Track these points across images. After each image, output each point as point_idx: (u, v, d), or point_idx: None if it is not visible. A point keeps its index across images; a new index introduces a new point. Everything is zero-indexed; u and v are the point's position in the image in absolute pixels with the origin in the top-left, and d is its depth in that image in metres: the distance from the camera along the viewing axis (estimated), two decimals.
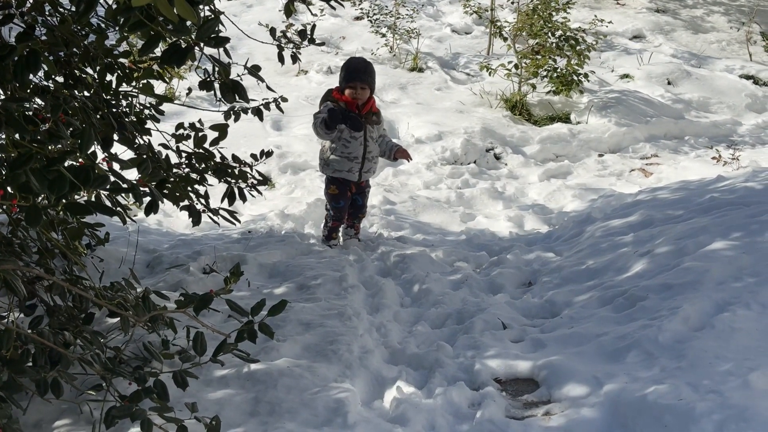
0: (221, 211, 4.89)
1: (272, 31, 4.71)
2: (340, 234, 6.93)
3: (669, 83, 12.83)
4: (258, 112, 5.11)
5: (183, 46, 3.04)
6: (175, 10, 2.73)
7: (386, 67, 12.53)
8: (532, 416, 3.80)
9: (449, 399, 3.86)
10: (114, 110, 4.40)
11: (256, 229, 7.18)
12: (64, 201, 2.79)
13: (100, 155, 4.18)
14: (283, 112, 5.48)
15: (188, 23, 2.76)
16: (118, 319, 4.10)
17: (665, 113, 11.51)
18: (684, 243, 5.21)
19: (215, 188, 5.13)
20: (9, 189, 2.97)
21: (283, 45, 4.84)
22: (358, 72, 6.31)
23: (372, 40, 13.62)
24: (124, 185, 3.72)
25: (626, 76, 12.95)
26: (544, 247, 6.57)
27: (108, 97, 4.48)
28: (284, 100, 5.37)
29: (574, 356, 4.14)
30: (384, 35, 13.26)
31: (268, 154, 5.45)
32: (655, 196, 7.13)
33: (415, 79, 12.47)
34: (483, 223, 7.82)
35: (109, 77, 4.39)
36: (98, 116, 4.08)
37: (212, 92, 4.49)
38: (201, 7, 3.12)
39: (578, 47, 11.38)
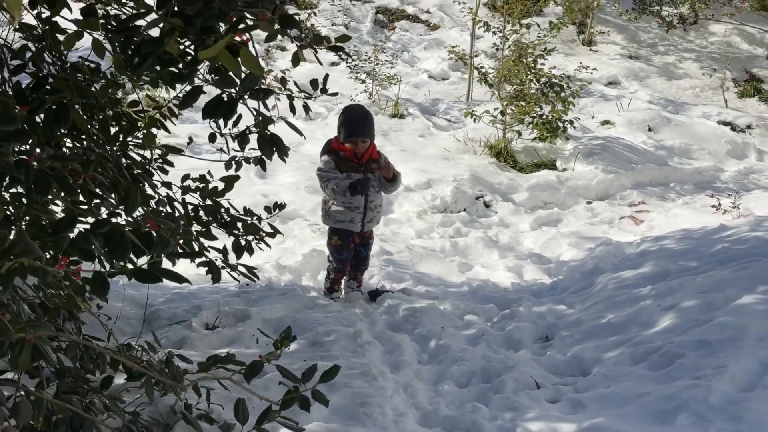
0: (239, 267, 4.72)
1: (283, 80, 4.55)
2: (342, 286, 6.74)
3: (650, 129, 12.85)
4: (260, 162, 4.95)
5: (225, 99, 2.91)
6: (240, 64, 2.58)
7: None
8: None
9: None
10: (124, 162, 4.23)
11: (253, 282, 6.96)
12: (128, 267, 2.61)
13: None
14: (285, 161, 5.30)
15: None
16: (125, 381, 3.92)
17: (649, 160, 11.50)
18: (711, 296, 5.10)
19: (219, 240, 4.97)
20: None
21: (294, 95, 4.68)
22: (358, 126, 6.15)
23: (350, 86, 13.47)
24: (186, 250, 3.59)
25: (607, 122, 12.95)
26: (555, 300, 6.43)
27: (115, 148, 4.31)
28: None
29: (618, 418, 3.98)
30: (363, 81, 13.14)
31: (281, 206, 5.30)
32: (662, 246, 7.04)
33: (397, 126, 12.37)
34: (481, 273, 7.66)
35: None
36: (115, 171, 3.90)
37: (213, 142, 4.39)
38: None
39: (562, 94, 11.35)
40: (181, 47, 2.85)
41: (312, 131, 10.66)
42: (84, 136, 4.08)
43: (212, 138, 4.84)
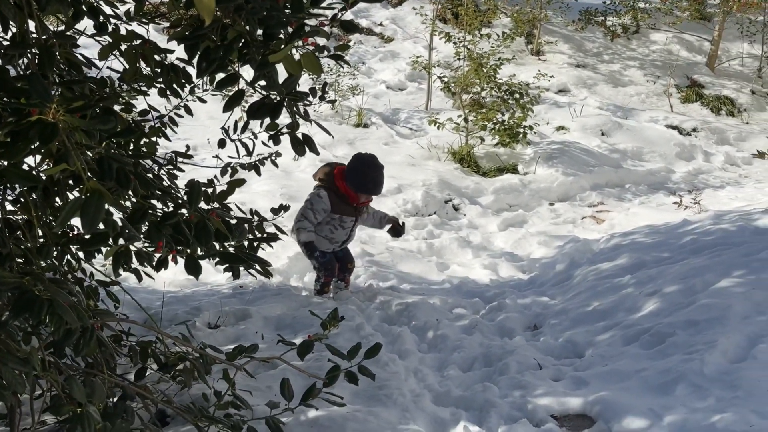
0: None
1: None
2: (331, 288, 6.97)
3: (603, 134, 13.35)
4: (255, 168, 5.18)
5: (266, 102, 3.13)
6: (302, 65, 2.84)
7: (331, 123, 12.69)
8: None
9: None
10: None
11: (246, 283, 7.18)
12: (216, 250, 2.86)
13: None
14: (278, 166, 5.53)
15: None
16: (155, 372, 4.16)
17: (605, 162, 11.99)
18: (691, 282, 5.47)
19: None
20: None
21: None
22: (378, 187, 6.48)
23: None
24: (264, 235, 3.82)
25: (562, 128, 13.40)
26: (537, 292, 6.78)
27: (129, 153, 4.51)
28: (279, 155, 5.42)
29: (621, 391, 4.30)
30: (327, 92, 13.41)
31: (286, 208, 5.51)
32: (632, 240, 7.43)
33: (362, 135, 12.66)
34: (459, 271, 7.99)
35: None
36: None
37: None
38: None
39: (522, 101, 11.77)
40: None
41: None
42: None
43: (221, 143, 5.04)
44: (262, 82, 3.04)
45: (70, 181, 3.23)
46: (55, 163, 2.52)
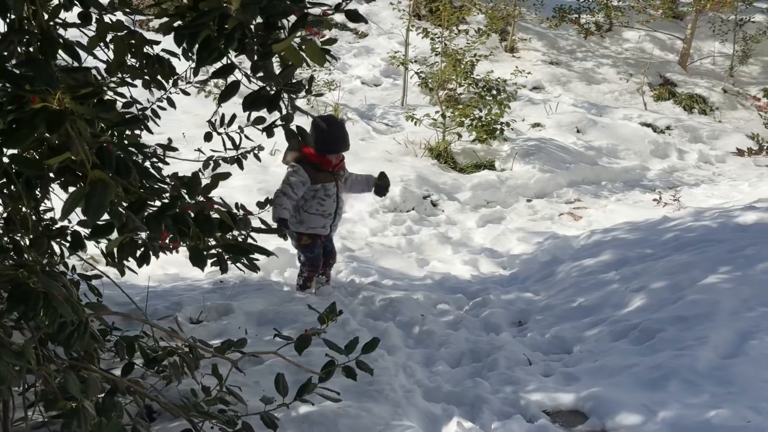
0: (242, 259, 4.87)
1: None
2: (313, 283, 6.91)
3: (578, 131, 13.40)
4: (238, 162, 5.12)
5: (263, 93, 3.08)
6: (304, 55, 2.80)
7: (307, 118, 12.60)
8: None
9: None
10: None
11: (226, 278, 7.11)
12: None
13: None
14: (260, 160, 5.47)
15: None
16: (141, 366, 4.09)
17: (581, 159, 12.03)
18: (677, 278, 5.48)
19: None
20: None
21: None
22: (343, 143, 6.27)
23: None
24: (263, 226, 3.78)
25: (538, 125, 13.43)
26: (520, 288, 6.77)
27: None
28: (261, 148, 5.36)
29: (613, 387, 4.29)
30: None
31: (271, 202, 5.45)
32: (614, 236, 7.44)
33: None
34: (439, 267, 7.96)
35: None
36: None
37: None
38: None
39: (499, 97, 11.77)
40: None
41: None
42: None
43: (208, 137, 4.98)
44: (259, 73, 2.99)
45: (51, 174, 3.17)
46: (55, 152, 2.47)
